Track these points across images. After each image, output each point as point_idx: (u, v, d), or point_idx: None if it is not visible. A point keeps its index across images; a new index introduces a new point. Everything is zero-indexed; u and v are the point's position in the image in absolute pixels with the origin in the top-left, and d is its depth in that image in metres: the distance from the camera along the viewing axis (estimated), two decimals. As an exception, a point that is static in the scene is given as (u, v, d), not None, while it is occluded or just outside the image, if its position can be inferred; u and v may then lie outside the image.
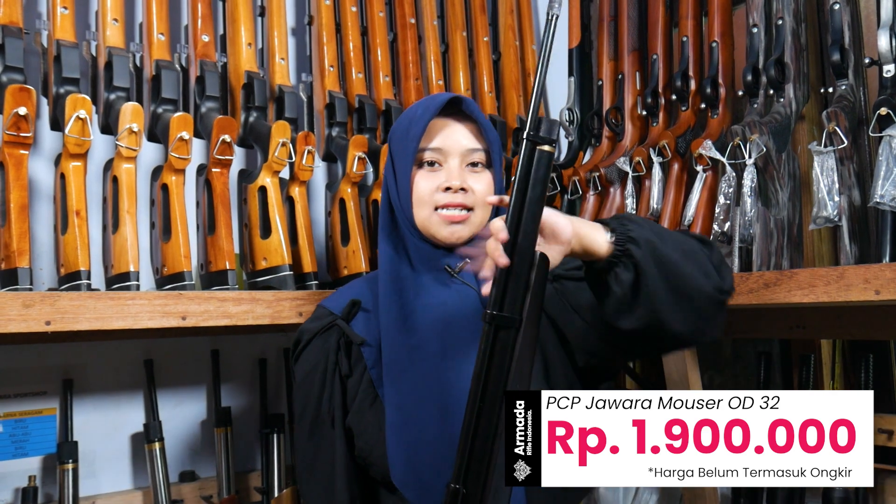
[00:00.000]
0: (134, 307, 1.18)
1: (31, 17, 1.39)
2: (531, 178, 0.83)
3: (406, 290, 1.04)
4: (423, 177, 1.06)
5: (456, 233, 1.04)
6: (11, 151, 1.20)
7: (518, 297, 0.83)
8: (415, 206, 1.05)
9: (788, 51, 1.40)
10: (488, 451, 0.83)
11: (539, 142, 0.83)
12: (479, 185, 1.05)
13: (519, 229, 0.83)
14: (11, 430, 1.44)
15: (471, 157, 1.06)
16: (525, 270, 0.83)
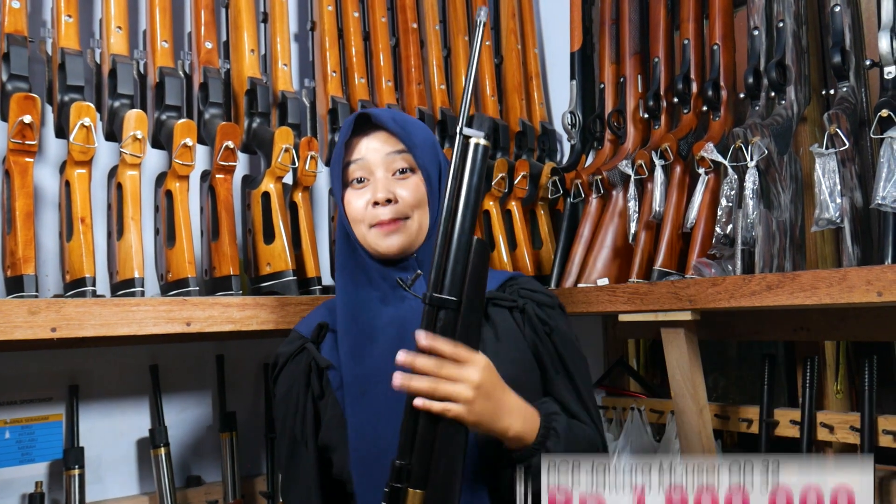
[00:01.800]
0: (139, 313, 1.19)
1: (36, 26, 1.40)
2: (466, 168, 0.89)
3: (363, 312, 1.05)
4: (353, 195, 1.07)
5: (394, 244, 1.04)
6: (17, 159, 1.21)
7: (457, 279, 0.89)
8: (353, 225, 1.07)
9: (789, 53, 1.41)
10: (432, 429, 0.87)
11: (470, 136, 0.90)
12: (407, 190, 1.05)
13: (455, 215, 0.89)
14: (18, 437, 1.45)
15: (394, 163, 1.06)
16: (462, 254, 0.89)
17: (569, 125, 1.95)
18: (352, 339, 1.05)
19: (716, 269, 1.39)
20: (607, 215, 1.71)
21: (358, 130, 1.08)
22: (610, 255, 1.68)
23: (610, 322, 2.01)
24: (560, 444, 0.96)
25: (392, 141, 1.06)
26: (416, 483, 0.87)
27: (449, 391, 0.87)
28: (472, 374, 0.89)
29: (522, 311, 1.08)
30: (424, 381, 0.87)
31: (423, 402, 0.87)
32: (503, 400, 0.93)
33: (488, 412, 0.90)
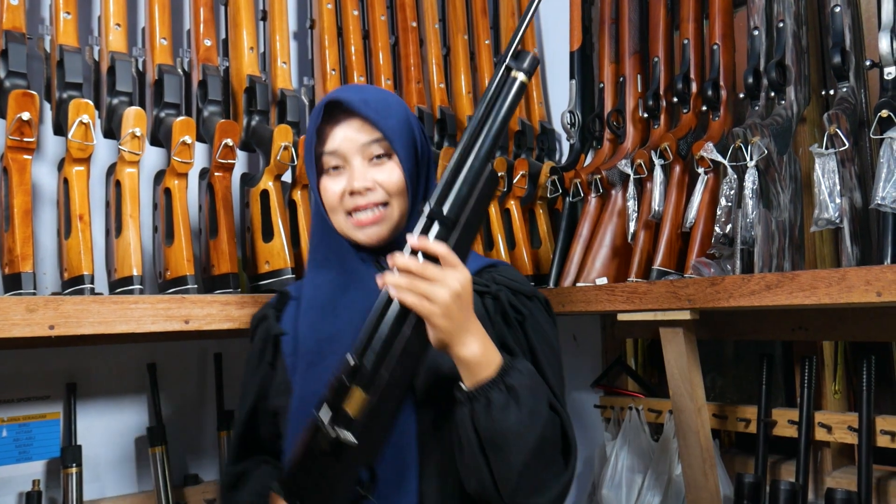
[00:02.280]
0: (137, 311, 1.19)
1: (34, 23, 1.39)
2: (500, 99, 0.88)
3: (330, 289, 1.05)
4: (329, 182, 1.05)
5: (373, 235, 1.03)
6: (15, 156, 1.20)
7: (460, 200, 0.87)
8: (330, 214, 1.05)
9: (789, 53, 1.41)
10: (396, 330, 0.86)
11: (517, 69, 0.88)
12: (385, 176, 1.03)
13: (477, 139, 0.88)
14: (15, 435, 1.45)
15: (370, 151, 1.03)
16: (472, 178, 0.87)
17: (568, 124, 1.95)
18: (315, 312, 1.04)
19: (715, 269, 1.39)
20: (606, 214, 1.71)
21: (330, 117, 1.05)
22: (609, 254, 1.68)
23: (608, 321, 2.01)
24: (523, 379, 0.90)
25: (367, 128, 1.03)
26: (362, 383, 0.84)
27: (426, 290, 0.85)
28: (453, 281, 0.86)
29: (495, 298, 1.04)
30: (404, 278, 0.86)
31: (397, 292, 0.86)
32: (472, 321, 0.90)
33: (456, 326, 0.87)
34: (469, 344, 0.88)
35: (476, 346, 0.89)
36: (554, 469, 0.93)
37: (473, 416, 0.89)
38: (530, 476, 0.90)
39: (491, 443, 0.88)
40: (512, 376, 0.90)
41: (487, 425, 0.88)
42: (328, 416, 0.84)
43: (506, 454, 0.88)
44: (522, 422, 0.88)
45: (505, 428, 0.87)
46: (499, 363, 0.90)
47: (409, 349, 0.86)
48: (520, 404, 0.88)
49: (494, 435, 0.88)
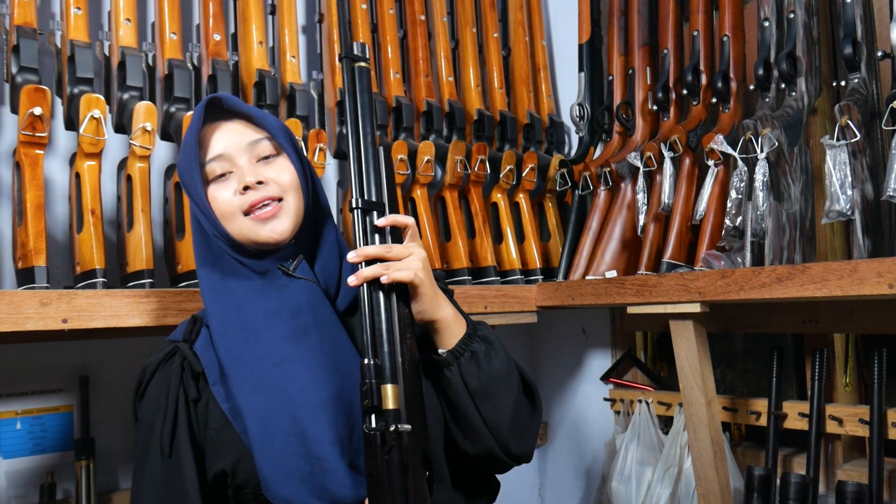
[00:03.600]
0: (149, 304, 1.19)
1: (45, 18, 1.40)
2: (357, 89, 0.95)
3: (237, 305, 0.96)
4: (217, 189, 0.96)
5: (275, 229, 0.95)
6: (27, 151, 1.21)
7: (377, 183, 0.93)
8: (224, 223, 0.96)
9: (800, 44, 1.40)
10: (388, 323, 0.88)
11: (355, 59, 0.96)
12: (276, 172, 0.97)
13: (359, 129, 0.94)
14: (29, 427, 1.46)
15: (257, 150, 0.97)
16: (374, 161, 0.93)
17: (577, 117, 1.94)
18: (233, 333, 0.95)
19: (725, 262, 1.39)
20: (616, 207, 1.71)
21: (210, 121, 0.98)
22: (618, 247, 1.68)
23: (618, 314, 2.01)
24: (489, 330, 0.96)
25: (251, 128, 0.98)
26: (390, 377, 0.86)
27: (400, 266, 0.88)
28: (419, 250, 0.91)
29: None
30: (377, 267, 0.88)
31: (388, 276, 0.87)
32: (437, 288, 0.94)
33: (432, 293, 0.91)
34: (444, 306, 0.93)
35: (449, 308, 0.94)
36: (530, 410, 0.99)
37: (462, 370, 0.93)
38: (518, 419, 0.95)
39: (482, 393, 0.93)
40: (482, 329, 0.96)
41: (477, 375, 0.93)
42: (377, 422, 0.86)
43: (497, 400, 0.93)
44: (504, 365, 0.95)
45: (493, 374, 0.93)
46: (465, 322, 0.96)
47: (407, 325, 0.90)
48: (496, 350, 0.95)
49: (485, 384, 0.93)
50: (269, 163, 0.98)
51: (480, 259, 1.73)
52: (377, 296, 0.88)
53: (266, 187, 0.95)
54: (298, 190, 0.98)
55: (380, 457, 0.85)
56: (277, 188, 0.96)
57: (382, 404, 0.86)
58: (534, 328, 2.15)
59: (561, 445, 2.15)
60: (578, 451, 2.10)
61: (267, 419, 0.92)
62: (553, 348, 2.18)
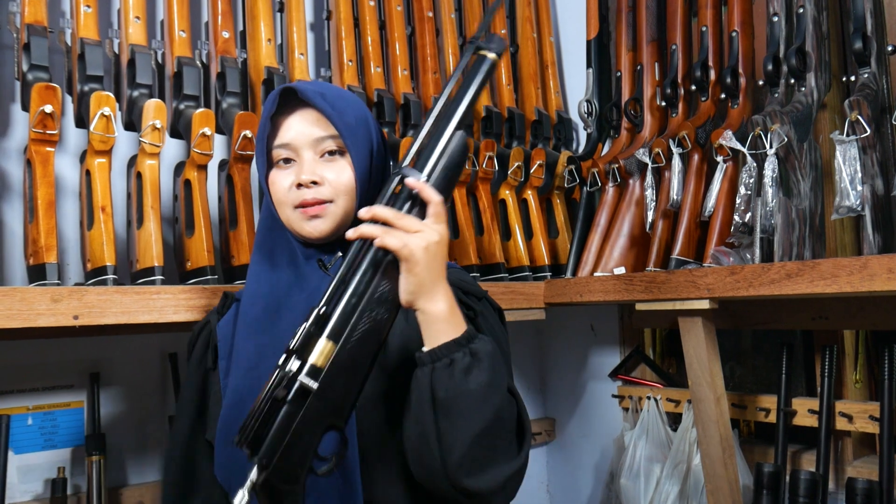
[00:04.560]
0: (159, 301, 1.20)
1: (55, 16, 1.41)
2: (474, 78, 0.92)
3: (272, 288, 1.01)
4: (278, 175, 1.01)
5: (317, 227, 0.98)
6: (38, 149, 1.22)
7: (431, 163, 0.88)
8: (277, 207, 1.01)
9: (810, 39, 1.39)
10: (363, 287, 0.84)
11: (483, 47, 0.93)
12: (334, 174, 0.99)
13: (455, 113, 0.90)
14: (41, 423, 1.47)
15: (322, 146, 0.99)
16: (444, 144, 0.89)
17: (585, 113, 1.94)
18: (256, 312, 1.00)
19: (734, 258, 1.39)
20: (624, 204, 1.71)
21: (285, 107, 1.01)
22: (626, 243, 1.68)
23: (626, 311, 2.01)
24: (487, 347, 0.88)
25: (322, 122, 0.99)
26: (331, 333, 0.82)
27: (405, 238, 0.84)
28: (432, 233, 0.85)
29: None
30: (378, 228, 0.84)
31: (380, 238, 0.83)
32: (444, 281, 0.88)
33: (430, 279, 0.85)
34: (438, 300, 0.86)
35: (444, 304, 0.87)
36: (505, 452, 0.89)
37: (433, 375, 0.85)
38: (479, 451, 0.86)
39: (445, 406, 0.85)
40: (477, 342, 0.88)
41: (447, 386, 0.85)
42: (293, 366, 0.82)
43: (459, 421, 0.85)
44: (482, 388, 0.85)
45: (464, 391, 0.85)
46: (465, 328, 0.88)
47: (382, 300, 0.85)
48: (481, 371, 0.86)
49: (452, 397, 0.85)
50: (332, 161, 1.00)
51: (489, 256, 1.73)
52: (365, 257, 0.85)
53: (319, 189, 0.98)
54: (352, 192, 1.00)
55: (265, 394, 0.81)
56: (330, 190, 0.99)
57: (306, 353, 0.82)
58: (542, 325, 2.15)
59: (569, 442, 2.15)
60: (587, 448, 2.10)
61: (243, 401, 0.93)
62: (561, 345, 2.18)
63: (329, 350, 0.82)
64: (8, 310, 1.06)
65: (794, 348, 1.61)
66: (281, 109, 1.01)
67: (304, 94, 0.99)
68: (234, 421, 0.89)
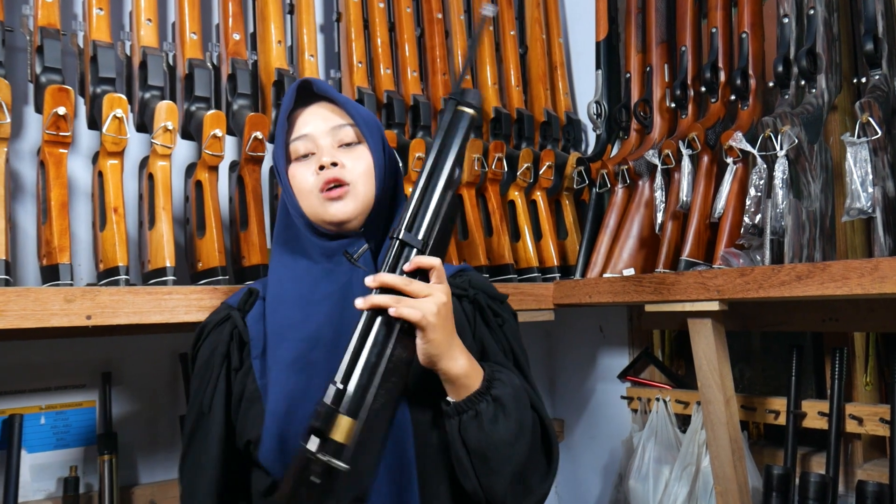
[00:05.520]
0: (171, 301, 1.21)
1: (68, 19, 1.42)
2: (448, 128, 0.96)
3: (298, 284, 1.01)
4: (297, 168, 1.02)
5: (339, 210, 0.99)
6: (52, 150, 1.23)
7: (428, 225, 0.91)
8: (300, 199, 1.02)
9: (820, 41, 1.39)
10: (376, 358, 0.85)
11: (462, 103, 0.96)
12: (353, 160, 1.01)
13: (442, 169, 0.94)
14: (53, 422, 1.48)
15: (340, 135, 1.02)
16: (438, 205, 0.92)
17: (594, 115, 1.94)
18: (287, 309, 1.00)
19: (744, 260, 1.39)
20: (633, 205, 1.71)
21: (301, 102, 1.04)
22: (636, 245, 1.68)
23: (635, 312, 2.01)
24: (507, 390, 0.91)
25: (338, 112, 1.03)
26: (349, 409, 0.83)
27: (413, 304, 0.86)
28: (440, 294, 0.88)
29: (473, 301, 1.04)
30: (389, 298, 0.86)
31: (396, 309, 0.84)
32: (454, 337, 0.90)
33: (446, 339, 0.88)
34: (457, 358, 0.89)
35: (463, 360, 0.90)
36: (539, 473, 0.95)
37: (462, 428, 0.89)
38: (519, 486, 0.92)
39: (480, 455, 0.89)
40: (497, 388, 0.91)
41: (477, 437, 0.89)
42: (316, 445, 0.82)
43: (494, 465, 0.89)
44: (511, 433, 0.90)
45: (495, 440, 0.89)
46: (483, 375, 0.91)
47: (395, 368, 0.86)
48: (507, 415, 0.90)
49: (484, 447, 0.89)
50: (349, 149, 1.02)
51: (497, 257, 1.73)
52: (378, 326, 0.86)
53: (340, 170, 1.00)
54: (370, 179, 1.01)
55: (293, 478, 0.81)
56: (351, 173, 1.00)
57: (329, 432, 0.82)
58: (551, 326, 2.15)
59: (578, 443, 2.15)
60: (595, 450, 2.10)
61: (289, 398, 0.95)
62: (570, 346, 2.18)
63: (350, 427, 0.83)
64: (22, 310, 1.07)
65: (804, 350, 1.60)
66: (296, 106, 1.04)
67: (319, 87, 1.03)
68: (284, 417, 0.93)
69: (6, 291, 1.07)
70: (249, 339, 1.02)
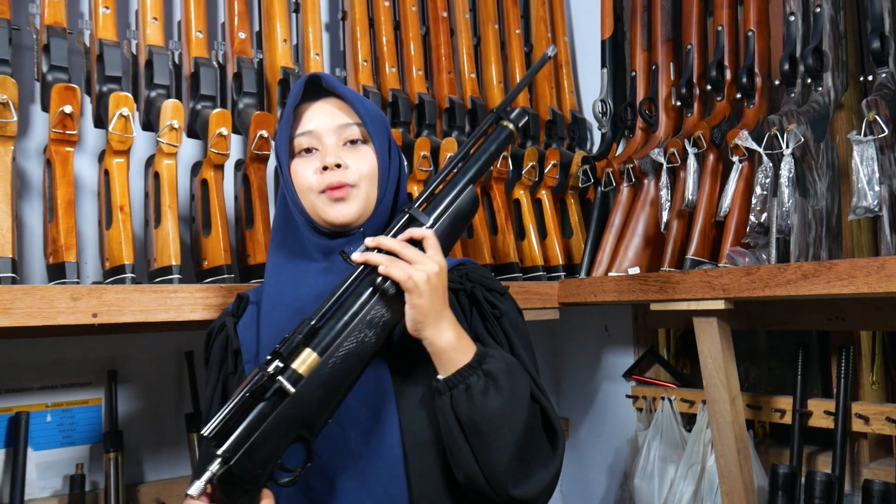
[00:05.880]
0: (177, 300, 1.21)
1: (74, 18, 1.43)
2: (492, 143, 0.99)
3: (293, 286, 1.01)
4: (300, 164, 1.01)
5: (341, 212, 0.98)
6: (58, 149, 1.23)
7: (440, 210, 0.94)
8: (300, 195, 1.00)
9: (827, 39, 1.39)
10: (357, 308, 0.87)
11: (504, 118, 0.99)
12: (357, 160, 1.00)
13: (471, 169, 0.96)
14: (59, 420, 1.49)
15: (345, 134, 1.01)
16: (456, 194, 0.95)
17: (599, 113, 1.94)
18: (280, 312, 1.00)
19: (750, 258, 1.38)
20: (638, 204, 1.70)
21: (308, 97, 1.02)
22: (641, 243, 1.68)
23: (640, 311, 2.00)
24: (499, 364, 0.90)
25: (345, 110, 1.01)
26: (318, 346, 0.85)
27: (402, 266, 0.87)
28: (432, 264, 0.88)
29: (470, 294, 1.03)
30: (383, 257, 0.88)
31: (386, 266, 0.86)
32: (447, 310, 0.91)
33: (434, 310, 0.88)
34: (444, 330, 0.89)
35: (451, 333, 0.89)
36: (541, 457, 0.93)
37: (454, 402, 0.88)
38: (518, 463, 0.89)
39: (474, 429, 0.88)
40: (488, 362, 0.90)
41: (469, 411, 0.87)
42: (273, 368, 0.84)
43: (490, 439, 0.88)
44: (504, 406, 0.88)
45: (487, 412, 0.87)
46: (474, 351, 0.91)
47: (372, 323, 0.88)
48: (499, 388, 0.88)
49: (477, 420, 0.87)
50: (354, 148, 1.01)
51: (503, 255, 1.73)
52: (364, 281, 0.89)
53: (344, 171, 0.99)
54: (374, 180, 1.01)
55: (242, 389, 0.83)
56: (355, 174, 0.99)
57: (292, 361, 0.84)
58: (556, 325, 2.14)
59: (583, 442, 2.15)
60: (600, 448, 2.09)
61: None
62: (575, 345, 2.18)
63: (312, 361, 0.85)
64: (28, 308, 1.08)
65: (810, 349, 1.60)
66: (303, 100, 1.02)
67: (327, 82, 1.01)
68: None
69: (13, 289, 1.07)
70: (239, 345, 1.03)
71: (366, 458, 0.93)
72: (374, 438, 0.93)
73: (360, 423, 0.93)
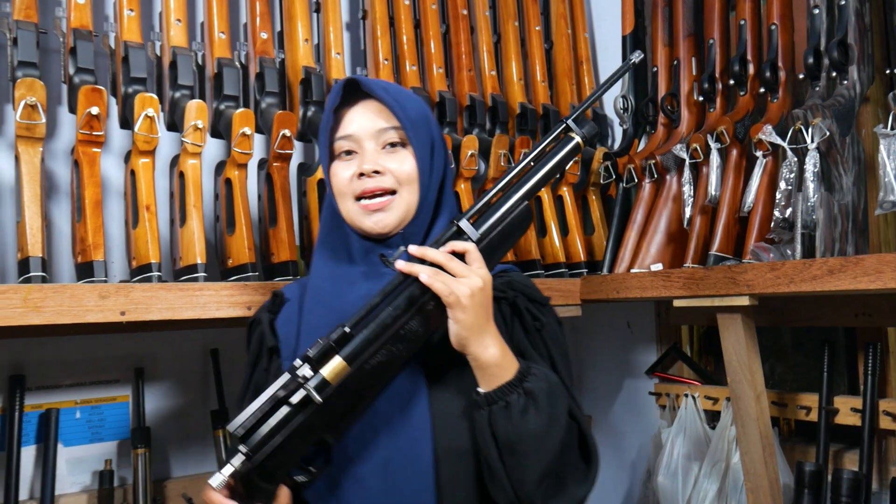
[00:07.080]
0: (202, 298, 1.23)
1: (100, 20, 1.45)
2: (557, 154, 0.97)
3: (336, 287, 1.00)
4: (339, 167, 1.01)
5: (380, 222, 0.98)
6: (85, 150, 1.25)
7: (491, 223, 0.93)
8: (338, 199, 1.01)
9: (852, 31, 1.37)
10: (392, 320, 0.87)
11: (573, 129, 0.97)
12: (397, 164, 0.99)
13: (528, 181, 0.95)
14: (88, 416, 1.51)
15: (385, 138, 1.00)
16: (509, 209, 0.94)
17: (621, 109, 1.93)
18: (321, 309, 1.00)
19: (774, 254, 1.37)
20: (661, 200, 1.69)
21: (348, 99, 1.02)
22: (664, 240, 1.67)
23: (663, 308, 1.99)
24: (541, 384, 0.89)
25: (384, 113, 1.00)
26: (346, 355, 0.85)
27: (446, 280, 0.86)
28: (476, 279, 0.87)
29: (513, 304, 1.01)
30: (428, 269, 0.86)
31: (429, 278, 0.85)
32: (491, 324, 0.89)
33: (478, 325, 0.87)
34: (488, 346, 0.88)
35: (495, 349, 0.89)
36: (575, 476, 0.92)
37: (492, 419, 0.88)
38: (549, 483, 0.89)
39: (509, 447, 0.88)
40: (530, 381, 0.89)
41: (506, 429, 0.87)
42: (304, 371, 0.85)
43: (524, 459, 0.87)
44: (542, 427, 0.87)
45: (524, 432, 0.87)
46: (517, 368, 0.90)
47: (405, 336, 0.87)
48: (539, 409, 0.88)
49: (513, 439, 0.87)
50: (394, 152, 1.00)
51: (524, 252, 1.73)
52: (405, 292, 0.87)
53: (382, 178, 0.98)
54: (415, 183, 1.00)
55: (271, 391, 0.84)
56: (392, 180, 0.99)
57: (321, 365, 0.85)
58: (578, 322, 2.14)
59: (606, 439, 2.14)
60: (624, 446, 2.09)
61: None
62: (597, 342, 2.17)
63: (341, 369, 0.85)
64: (58, 306, 1.10)
65: (836, 346, 1.58)
66: (343, 102, 1.02)
67: (367, 85, 1.00)
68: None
69: (43, 288, 1.09)
70: (278, 341, 1.03)
71: (395, 461, 0.92)
72: (405, 443, 0.92)
73: (391, 427, 0.93)
